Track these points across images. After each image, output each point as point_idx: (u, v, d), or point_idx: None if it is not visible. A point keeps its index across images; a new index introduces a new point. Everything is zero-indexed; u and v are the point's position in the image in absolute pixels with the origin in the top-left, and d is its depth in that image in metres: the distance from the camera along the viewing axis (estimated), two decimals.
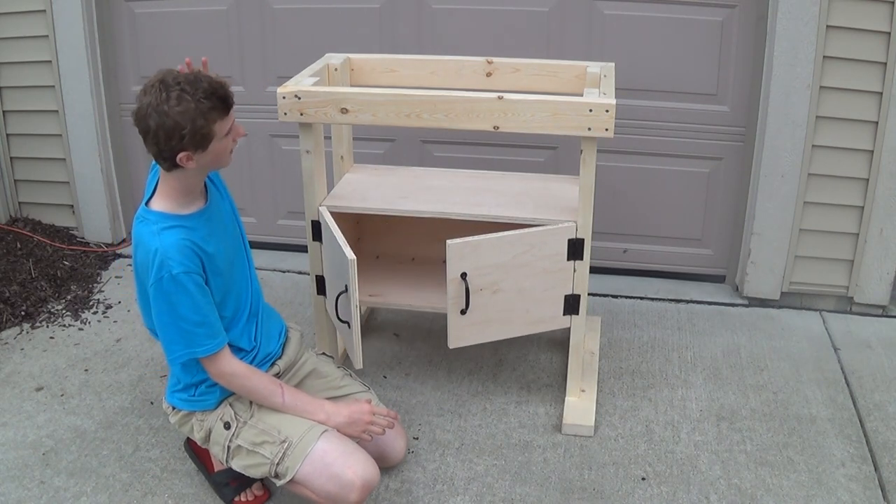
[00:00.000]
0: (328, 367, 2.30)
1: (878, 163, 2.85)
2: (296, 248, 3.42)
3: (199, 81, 1.80)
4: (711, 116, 3.08)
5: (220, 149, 1.88)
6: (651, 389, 2.66)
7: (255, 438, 2.00)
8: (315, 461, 1.94)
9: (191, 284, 1.87)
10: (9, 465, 2.33)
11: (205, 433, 2.08)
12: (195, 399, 2.08)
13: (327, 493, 1.94)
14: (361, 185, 2.66)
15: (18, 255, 3.41)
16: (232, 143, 1.92)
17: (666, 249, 3.33)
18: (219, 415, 2.06)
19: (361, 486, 1.93)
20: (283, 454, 1.96)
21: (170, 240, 1.87)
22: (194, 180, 1.95)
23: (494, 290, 2.33)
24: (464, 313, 2.32)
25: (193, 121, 1.78)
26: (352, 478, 1.92)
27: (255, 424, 2.02)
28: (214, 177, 2.13)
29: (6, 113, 3.55)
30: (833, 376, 2.73)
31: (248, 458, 2.01)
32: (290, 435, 1.98)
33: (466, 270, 2.27)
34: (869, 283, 3.05)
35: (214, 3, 3.28)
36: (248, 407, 2.06)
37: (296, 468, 1.94)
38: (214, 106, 1.80)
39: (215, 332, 1.94)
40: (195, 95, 1.77)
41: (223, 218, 2.07)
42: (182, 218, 1.93)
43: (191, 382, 2.07)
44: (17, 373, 2.78)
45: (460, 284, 2.28)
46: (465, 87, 2.62)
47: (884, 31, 2.70)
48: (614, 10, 3.00)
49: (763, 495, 2.21)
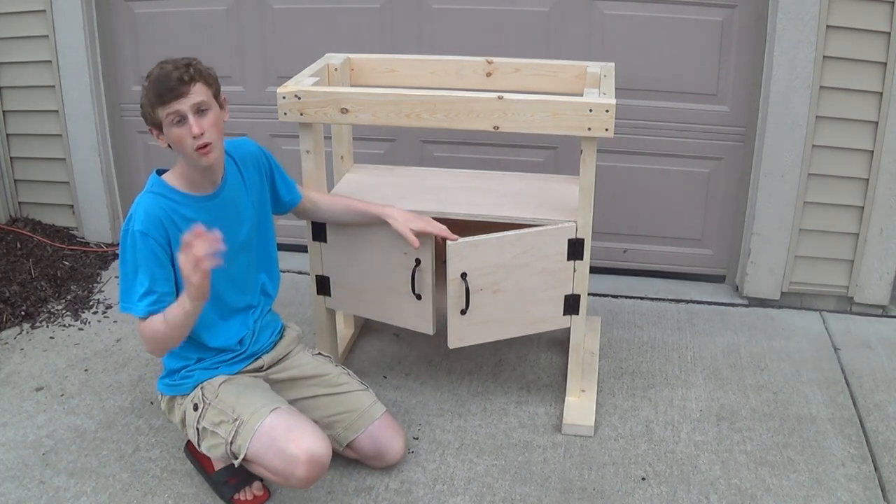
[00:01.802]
0: (326, 367, 2.30)
1: (878, 163, 2.85)
2: (296, 248, 3.42)
3: (159, 67, 1.93)
4: (711, 116, 3.08)
5: (173, 137, 1.94)
6: (651, 389, 2.66)
7: (214, 419, 2.04)
8: (262, 437, 1.96)
9: (144, 246, 1.94)
10: (9, 465, 2.33)
11: (181, 416, 2.14)
12: (176, 384, 2.14)
13: (275, 469, 1.95)
14: (361, 185, 2.66)
15: (18, 255, 3.41)
16: (189, 138, 1.92)
17: (666, 249, 3.33)
18: (191, 398, 2.11)
19: (307, 459, 1.92)
20: (236, 432, 1.99)
21: (147, 201, 1.98)
22: (190, 170, 2.02)
23: (494, 291, 2.32)
24: (464, 313, 2.32)
25: (143, 104, 1.96)
26: (296, 451, 1.92)
27: (216, 405, 2.06)
28: (276, 175, 2.26)
29: (6, 113, 3.55)
30: (833, 376, 2.73)
31: (211, 439, 2.05)
32: (242, 413, 2.01)
33: (466, 270, 2.27)
34: (869, 283, 3.05)
35: (214, 3, 3.28)
36: (216, 389, 2.08)
37: (246, 446, 1.96)
38: (154, 92, 1.91)
39: (156, 300, 1.96)
40: (148, 78, 1.94)
41: (230, 212, 2.10)
42: (178, 193, 2.02)
43: (173, 368, 2.14)
44: (17, 373, 2.78)
45: (460, 284, 2.28)
46: (465, 87, 2.62)
47: (884, 31, 2.70)
48: (614, 10, 3.00)
49: (763, 495, 2.21)
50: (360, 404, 2.24)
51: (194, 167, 2.01)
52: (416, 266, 2.31)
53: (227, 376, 2.13)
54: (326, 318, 2.60)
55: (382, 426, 2.24)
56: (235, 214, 2.12)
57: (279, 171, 2.29)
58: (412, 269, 2.33)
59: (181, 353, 2.13)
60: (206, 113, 1.94)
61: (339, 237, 2.44)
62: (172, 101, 1.90)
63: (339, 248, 2.46)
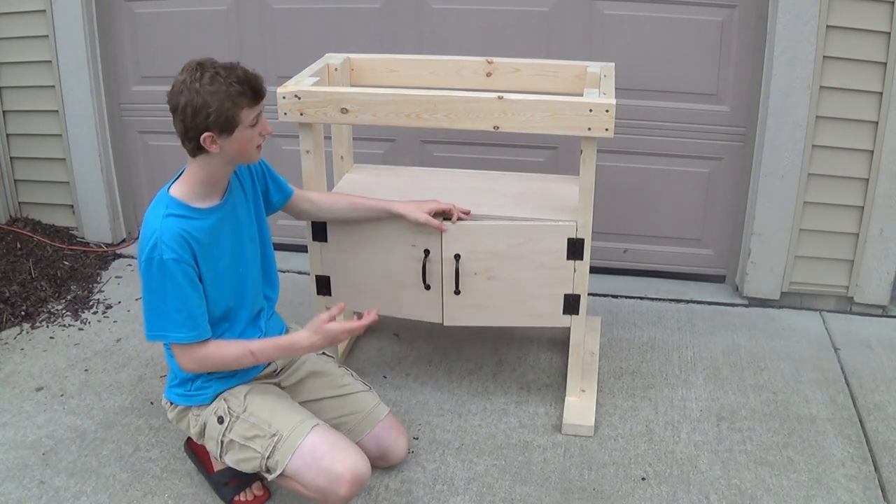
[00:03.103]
0: (329, 367, 2.30)
1: (878, 163, 2.86)
2: (296, 248, 3.42)
3: (234, 68, 1.87)
4: (711, 116, 3.08)
5: (244, 139, 1.90)
6: (651, 389, 2.66)
7: (246, 433, 2.01)
8: (305, 455, 1.94)
9: (178, 272, 1.89)
10: (9, 465, 2.33)
11: (199, 428, 2.09)
12: (191, 394, 2.09)
13: (317, 487, 1.93)
14: (361, 185, 2.66)
15: (18, 255, 3.41)
16: (259, 137, 1.95)
17: (666, 249, 3.33)
18: (213, 409, 2.07)
19: (351, 479, 1.91)
20: (274, 448, 1.96)
21: (170, 226, 1.90)
22: (219, 172, 1.98)
23: (489, 277, 2.38)
24: (457, 294, 2.37)
25: (221, 102, 1.82)
26: (341, 471, 1.91)
27: (247, 419, 2.02)
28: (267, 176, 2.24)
29: (6, 113, 3.55)
30: (833, 376, 2.73)
31: (241, 453, 2.01)
32: (281, 428, 1.98)
33: (460, 252, 2.33)
34: (869, 283, 3.05)
35: (214, 3, 3.28)
36: (242, 401, 2.06)
37: (286, 462, 1.94)
38: (244, 92, 1.85)
39: (195, 324, 1.94)
40: (228, 79, 1.83)
41: (238, 220, 2.08)
42: (192, 210, 1.96)
43: (187, 377, 2.09)
44: (17, 373, 2.78)
45: (453, 265, 2.34)
46: (465, 87, 2.62)
47: (884, 31, 2.70)
48: (614, 10, 3.00)
49: (763, 495, 2.21)
50: (365, 406, 2.24)
51: (226, 171, 1.99)
52: (426, 257, 2.36)
53: (247, 385, 2.11)
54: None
55: (386, 427, 2.24)
56: (241, 220, 2.11)
57: (269, 170, 2.28)
58: (422, 261, 2.37)
59: None
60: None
61: (341, 235, 2.44)
62: (261, 102, 1.92)
63: (341, 246, 2.46)
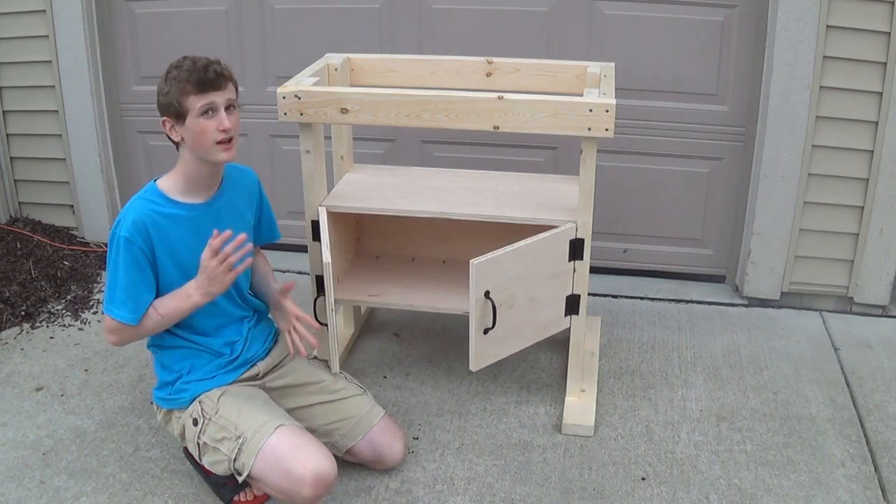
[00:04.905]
0: (321, 373, 2.28)
1: (878, 163, 2.86)
2: (296, 248, 3.42)
3: (196, 61, 1.94)
4: (711, 116, 3.08)
5: (197, 129, 1.94)
6: (651, 389, 2.66)
7: (216, 434, 2.02)
8: (267, 456, 1.93)
9: (125, 252, 1.97)
10: (9, 465, 2.33)
11: (180, 430, 2.13)
12: (171, 397, 2.12)
13: (280, 489, 1.93)
14: (361, 185, 2.66)
15: (18, 255, 3.41)
16: (217, 133, 1.95)
17: (666, 249, 3.33)
18: (190, 412, 2.09)
19: (313, 480, 1.90)
20: (239, 450, 1.97)
21: (137, 207, 1.99)
22: (193, 167, 2.02)
23: (510, 305, 2.28)
24: (486, 333, 2.25)
25: (171, 88, 1.94)
26: (302, 472, 1.90)
27: (217, 420, 2.03)
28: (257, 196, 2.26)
29: (6, 113, 3.55)
30: (833, 376, 2.73)
31: (213, 455, 2.03)
32: (246, 430, 1.98)
33: (490, 288, 2.20)
34: (869, 283, 3.05)
35: (214, 3, 3.28)
36: (215, 403, 2.06)
37: (250, 464, 1.94)
38: (189, 80, 1.91)
39: (136, 306, 1.99)
40: (178, 70, 1.93)
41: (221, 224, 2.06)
42: (168, 200, 2.02)
43: (167, 381, 2.12)
44: (17, 373, 2.78)
45: (485, 303, 2.21)
46: (465, 87, 2.62)
47: (884, 31, 2.70)
48: (614, 10, 3.00)
49: (763, 495, 2.21)
50: (358, 410, 2.22)
51: (199, 167, 2.01)
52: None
53: (224, 388, 2.11)
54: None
55: (381, 431, 2.22)
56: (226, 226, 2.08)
57: (267, 206, 2.32)
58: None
59: (172, 366, 2.13)
60: (232, 111, 1.99)
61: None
62: (210, 92, 1.93)
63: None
